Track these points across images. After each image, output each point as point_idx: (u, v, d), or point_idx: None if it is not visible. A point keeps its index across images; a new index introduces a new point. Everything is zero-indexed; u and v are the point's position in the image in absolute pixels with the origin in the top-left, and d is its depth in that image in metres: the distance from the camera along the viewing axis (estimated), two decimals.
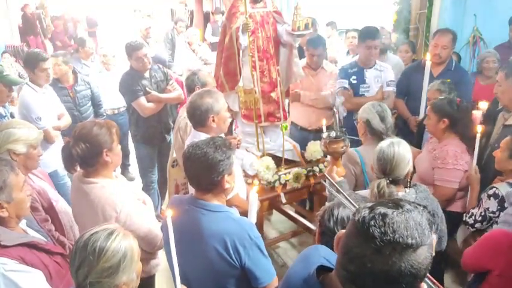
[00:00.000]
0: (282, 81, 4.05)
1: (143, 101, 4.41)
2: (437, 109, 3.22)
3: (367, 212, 1.13)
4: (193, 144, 2.15)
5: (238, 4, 3.81)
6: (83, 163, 2.40)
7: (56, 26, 13.52)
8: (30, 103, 3.96)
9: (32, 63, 4.02)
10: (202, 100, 2.83)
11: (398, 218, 1.09)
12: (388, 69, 4.28)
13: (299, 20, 3.63)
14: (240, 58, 3.81)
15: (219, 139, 2.18)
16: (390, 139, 2.48)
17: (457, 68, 4.27)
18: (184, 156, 2.16)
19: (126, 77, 4.47)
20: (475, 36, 5.43)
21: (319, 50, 4.42)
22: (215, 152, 2.08)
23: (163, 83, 4.60)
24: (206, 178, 2.09)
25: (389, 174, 2.37)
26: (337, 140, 2.94)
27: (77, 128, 2.42)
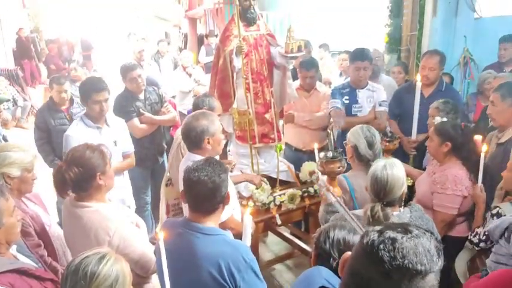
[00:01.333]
0: (276, 103, 4.07)
1: (136, 122, 4.41)
2: (440, 132, 3.14)
3: (376, 235, 1.13)
4: (193, 168, 2.12)
5: (232, 27, 3.86)
6: (76, 187, 2.37)
7: (50, 49, 13.61)
8: (71, 139, 3.42)
9: (85, 94, 3.58)
10: (197, 122, 2.83)
11: (407, 244, 1.09)
12: (380, 90, 4.32)
13: (292, 42, 3.67)
14: (234, 80, 3.84)
15: (213, 159, 2.19)
16: (383, 161, 2.45)
17: (447, 89, 4.31)
18: (187, 181, 2.12)
19: (120, 98, 4.49)
20: (465, 57, 5.52)
21: (311, 72, 4.46)
22: (220, 173, 2.10)
23: (157, 105, 4.61)
24: (211, 201, 2.09)
25: (383, 198, 2.35)
26: (334, 160, 2.93)
27: (69, 152, 2.41)
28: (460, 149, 3.10)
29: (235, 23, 3.72)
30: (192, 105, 3.67)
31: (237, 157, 4.11)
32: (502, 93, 3.21)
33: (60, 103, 4.69)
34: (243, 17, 3.79)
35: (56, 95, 4.66)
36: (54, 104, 4.67)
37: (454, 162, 3.11)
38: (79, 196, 2.40)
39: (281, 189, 3.90)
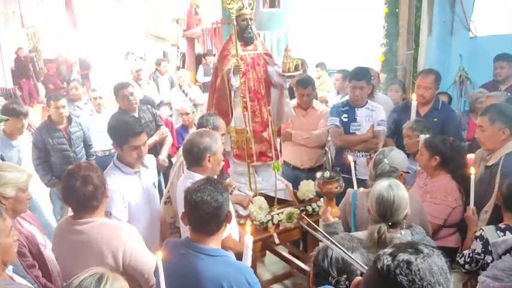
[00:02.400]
0: (274, 121, 4.08)
1: None
2: (429, 146, 3.25)
3: (390, 259, 1.13)
4: (195, 189, 2.10)
5: (229, 47, 3.89)
6: (87, 203, 2.39)
7: (48, 68, 13.65)
8: (114, 194, 2.84)
9: (121, 139, 3.01)
10: (201, 139, 2.83)
11: (422, 265, 1.09)
12: (380, 109, 4.34)
13: (289, 61, 3.70)
14: (231, 99, 3.85)
15: (214, 179, 2.19)
16: (387, 181, 2.43)
17: (443, 107, 4.34)
18: (190, 202, 2.09)
19: (115, 116, 4.47)
20: (461, 75, 5.57)
21: (308, 90, 4.49)
22: (222, 192, 2.10)
23: (152, 123, 4.67)
24: (216, 220, 2.09)
25: (389, 219, 2.32)
26: (331, 180, 2.92)
27: (76, 169, 2.41)
28: (449, 162, 3.19)
29: (233, 42, 3.75)
30: (197, 124, 3.68)
31: (234, 176, 4.10)
32: (491, 116, 3.13)
33: (58, 121, 4.69)
34: (240, 37, 3.83)
35: (53, 112, 4.67)
36: (52, 122, 4.68)
37: (444, 175, 3.22)
38: (79, 214, 2.40)
39: (279, 208, 3.88)
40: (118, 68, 11.47)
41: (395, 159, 2.85)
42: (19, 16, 14.07)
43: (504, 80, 4.91)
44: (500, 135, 3.08)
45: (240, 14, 3.76)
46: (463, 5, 5.34)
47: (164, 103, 7.53)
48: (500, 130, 3.07)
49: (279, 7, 12.44)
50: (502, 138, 3.09)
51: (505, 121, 3.06)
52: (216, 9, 12.28)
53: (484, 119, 3.17)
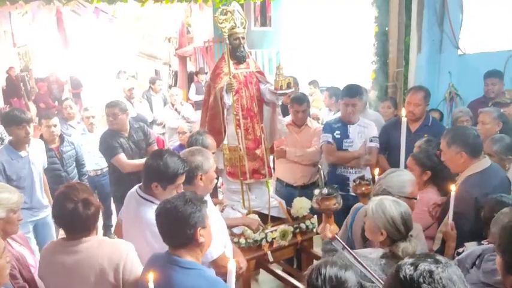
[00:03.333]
0: (266, 138, 4.09)
1: (123, 157, 4.43)
2: (420, 162, 3.31)
3: (412, 269, 1.18)
4: (164, 200, 2.18)
5: (222, 65, 3.92)
6: (84, 226, 2.36)
7: (40, 87, 13.62)
8: None
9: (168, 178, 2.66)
10: (193, 157, 2.83)
11: (443, 274, 1.15)
12: (372, 126, 4.37)
13: (281, 79, 3.73)
14: (224, 116, 3.86)
15: (190, 193, 2.20)
16: (390, 198, 2.44)
17: (434, 124, 4.39)
18: (155, 213, 2.16)
19: (105, 135, 4.57)
20: (451, 92, 5.64)
21: (303, 106, 4.52)
22: (185, 204, 2.08)
23: (143, 143, 4.64)
24: (179, 233, 2.09)
25: (407, 233, 2.34)
26: (330, 196, 2.91)
27: (73, 190, 2.36)
28: (438, 176, 3.25)
29: (225, 61, 3.78)
30: (187, 144, 3.68)
31: (228, 193, 4.09)
32: (447, 140, 3.15)
33: (50, 140, 4.65)
34: (233, 55, 3.86)
35: (45, 131, 4.63)
36: (44, 142, 4.63)
37: (431, 188, 3.29)
38: (72, 236, 2.36)
39: (272, 226, 3.86)
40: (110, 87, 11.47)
41: (391, 182, 2.78)
42: (10, 35, 14.07)
43: (496, 97, 4.99)
44: (459, 158, 3.07)
45: (233, 33, 3.80)
46: (451, 23, 5.44)
47: (157, 122, 7.53)
48: (457, 154, 3.07)
49: (270, 26, 12.56)
50: (461, 161, 3.07)
51: (460, 144, 3.06)
52: (207, 28, 12.39)
53: (443, 143, 3.19)
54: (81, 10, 8.25)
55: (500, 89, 5.03)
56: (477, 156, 3.08)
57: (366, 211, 2.67)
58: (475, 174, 3.02)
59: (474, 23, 5.67)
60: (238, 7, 3.87)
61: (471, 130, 3.18)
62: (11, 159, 4.08)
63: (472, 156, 3.06)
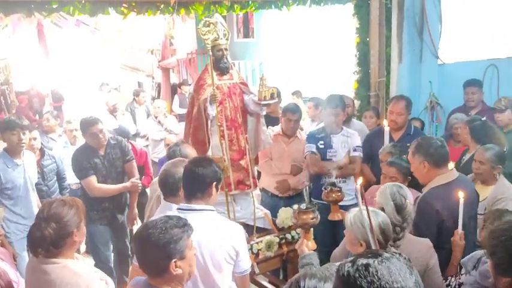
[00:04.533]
0: (251, 149, 4.09)
1: (93, 180, 4.23)
2: (404, 170, 3.37)
3: (350, 265, 1.21)
4: (144, 224, 2.07)
5: (205, 76, 3.92)
6: (50, 244, 2.26)
7: (20, 101, 13.42)
8: None
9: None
10: (176, 169, 2.81)
11: (380, 266, 1.17)
12: (355, 135, 4.41)
13: (265, 90, 3.75)
14: (208, 128, 3.85)
15: (173, 219, 2.04)
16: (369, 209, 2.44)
17: (416, 133, 4.44)
18: (134, 237, 2.09)
19: (78, 153, 4.32)
20: (432, 101, 5.72)
21: (296, 116, 4.53)
22: (160, 233, 1.92)
23: (119, 161, 4.42)
24: (153, 262, 1.96)
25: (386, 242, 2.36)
26: (307, 210, 2.92)
27: (44, 208, 2.32)
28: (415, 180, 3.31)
29: (208, 72, 3.78)
30: (167, 157, 3.66)
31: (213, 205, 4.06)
32: (412, 150, 3.19)
33: None
34: (216, 67, 3.86)
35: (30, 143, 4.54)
36: None
37: (415, 192, 3.26)
38: (48, 253, 2.29)
39: (258, 237, 3.84)
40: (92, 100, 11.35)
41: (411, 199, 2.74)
42: None
43: (476, 105, 5.08)
44: (422, 167, 3.08)
45: (216, 44, 3.81)
46: (430, 34, 5.54)
47: (140, 135, 7.49)
48: (420, 163, 3.08)
49: (253, 37, 12.65)
50: (425, 171, 3.08)
51: (423, 154, 3.07)
52: (190, 39, 12.41)
53: (410, 153, 3.22)
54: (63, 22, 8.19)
55: (480, 97, 5.13)
56: (441, 167, 3.07)
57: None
58: (439, 186, 3.01)
59: (453, 33, 5.79)
60: (221, 19, 3.89)
61: (435, 140, 3.18)
62: (6, 167, 4.00)
63: (435, 166, 3.05)
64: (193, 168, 2.59)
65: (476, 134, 4.03)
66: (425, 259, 2.56)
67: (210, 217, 2.57)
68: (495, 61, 5.89)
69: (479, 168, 3.61)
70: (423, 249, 2.60)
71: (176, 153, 3.57)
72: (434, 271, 2.59)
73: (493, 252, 2.02)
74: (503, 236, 1.98)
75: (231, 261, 2.56)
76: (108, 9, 4.72)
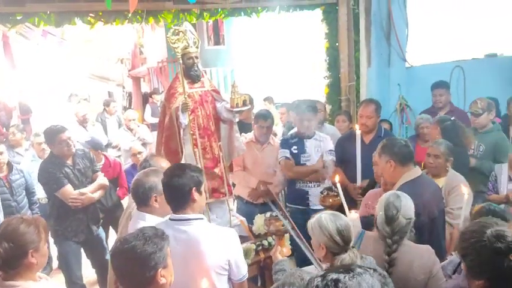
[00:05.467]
0: (225, 157, 4.07)
1: (70, 189, 4.08)
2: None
3: (320, 279, 1.19)
4: (121, 239, 2.00)
5: (176, 85, 3.89)
6: (5, 264, 2.16)
7: None
8: None
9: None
10: (147, 178, 2.77)
11: (350, 282, 1.16)
12: (327, 139, 4.45)
13: (237, 97, 3.75)
14: (181, 137, 3.82)
15: (150, 229, 2.02)
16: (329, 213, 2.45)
17: (386, 135, 4.51)
18: (111, 252, 1.98)
19: (46, 164, 4.15)
20: (401, 103, 5.83)
21: (268, 122, 4.55)
22: (145, 244, 1.91)
23: (88, 170, 4.32)
24: (137, 275, 1.91)
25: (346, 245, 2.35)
26: (279, 218, 2.94)
27: (1, 225, 2.22)
28: None
29: (179, 80, 3.76)
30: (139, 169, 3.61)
31: None
32: (378, 151, 3.26)
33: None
34: (187, 75, 3.84)
35: None
36: None
37: None
38: (6, 275, 2.18)
39: None
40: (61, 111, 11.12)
41: (408, 210, 2.63)
42: None
43: (443, 106, 5.20)
44: (389, 167, 3.15)
45: (186, 52, 3.79)
46: (397, 38, 5.65)
47: (112, 145, 7.37)
48: (387, 162, 3.15)
49: (223, 44, 12.67)
50: (391, 170, 3.15)
51: (389, 153, 3.15)
52: (161, 48, 12.34)
53: (376, 155, 3.30)
54: (29, 33, 8.03)
55: (447, 99, 5.27)
56: (406, 165, 3.15)
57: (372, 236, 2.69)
58: (407, 183, 3.09)
59: (419, 36, 5.93)
60: (190, 27, 3.87)
61: (399, 140, 3.30)
62: None
63: (401, 164, 3.13)
64: (168, 181, 2.54)
65: (447, 134, 4.15)
66: (428, 266, 2.53)
67: (199, 227, 2.51)
68: (461, 63, 6.07)
69: (435, 161, 3.78)
70: (425, 256, 2.57)
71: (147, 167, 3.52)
72: (438, 278, 2.54)
73: (464, 254, 2.01)
74: (472, 238, 1.96)
75: (224, 272, 2.50)
76: (75, 19, 4.64)
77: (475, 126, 4.61)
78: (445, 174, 3.76)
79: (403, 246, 2.59)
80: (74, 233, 4.22)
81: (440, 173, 3.77)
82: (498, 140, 4.46)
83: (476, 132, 4.59)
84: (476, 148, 4.48)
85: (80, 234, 4.25)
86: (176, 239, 2.45)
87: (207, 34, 13.19)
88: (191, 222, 2.50)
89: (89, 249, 4.43)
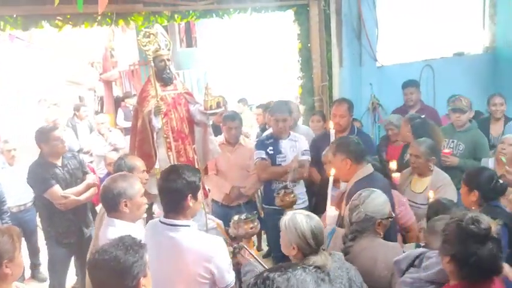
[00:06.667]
0: (199, 159, 4.05)
1: (58, 189, 3.99)
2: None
3: (253, 279, 1.40)
4: (99, 249, 1.93)
5: (148, 88, 3.85)
6: None
7: None
8: None
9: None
10: (115, 184, 2.70)
11: (279, 278, 1.33)
12: (302, 139, 4.45)
13: (210, 99, 3.73)
14: (154, 140, 3.78)
15: (128, 238, 1.97)
16: (304, 213, 2.45)
17: (359, 133, 4.56)
18: (89, 264, 1.92)
19: (35, 166, 4.07)
20: (373, 103, 5.91)
21: (236, 123, 4.52)
22: (126, 253, 1.86)
23: (78, 171, 4.24)
24: (119, 286, 1.86)
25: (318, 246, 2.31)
26: (246, 220, 2.96)
27: None
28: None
29: (151, 83, 3.72)
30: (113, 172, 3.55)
31: None
32: (333, 150, 3.32)
33: None
34: (159, 78, 3.80)
35: None
36: None
37: None
38: None
39: None
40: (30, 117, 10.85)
41: (372, 207, 2.70)
42: None
43: (414, 105, 5.30)
44: (344, 165, 3.21)
45: (157, 55, 3.76)
46: (368, 38, 5.73)
47: (84, 151, 7.22)
48: (342, 161, 3.22)
49: (196, 46, 12.60)
50: (347, 168, 3.22)
51: (344, 152, 3.22)
52: (132, 51, 12.18)
53: (329, 153, 3.37)
54: None
55: (418, 97, 5.37)
56: (361, 162, 3.23)
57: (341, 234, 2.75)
58: (362, 179, 3.16)
59: (389, 36, 6.02)
60: (161, 29, 3.84)
61: (352, 139, 3.39)
62: None
63: (356, 162, 3.21)
64: (163, 183, 2.49)
65: (417, 131, 4.23)
66: (392, 263, 2.54)
67: (186, 234, 2.46)
68: (430, 61, 6.20)
69: (416, 162, 3.83)
70: (389, 253, 2.60)
71: (122, 167, 3.47)
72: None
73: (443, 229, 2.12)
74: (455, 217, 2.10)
75: (205, 280, 2.43)
76: (42, 23, 4.53)
77: (455, 124, 4.64)
78: (430, 174, 3.80)
79: (366, 240, 2.66)
80: (65, 235, 4.13)
81: (424, 173, 3.82)
82: (477, 139, 4.53)
83: (454, 130, 4.64)
84: (455, 147, 4.55)
85: (72, 236, 4.16)
86: (161, 244, 2.43)
87: (179, 36, 13.09)
88: (179, 229, 2.46)
89: (80, 252, 4.28)
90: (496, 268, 2.03)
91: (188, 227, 2.49)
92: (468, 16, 6.76)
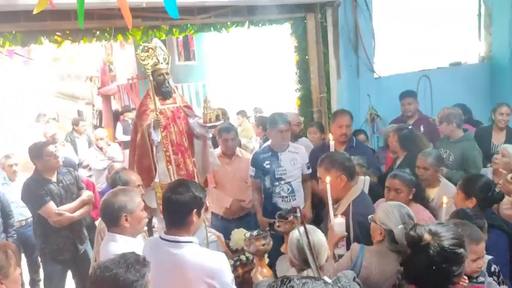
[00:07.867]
0: (199, 172, 4.05)
1: (53, 206, 3.97)
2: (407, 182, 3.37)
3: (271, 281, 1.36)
4: (101, 265, 1.91)
5: (147, 102, 3.86)
6: None
7: None
8: None
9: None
10: (115, 198, 2.69)
11: (297, 281, 1.28)
12: (303, 150, 4.34)
13: (209, 112, 3.74)
14: (154, 154, 3.78)
15: (131, 255, 1.95)
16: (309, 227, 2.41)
17: (358, 144, 4.55)
18: (90, 280, 1.91)
19: (30, 182, 4.06)
20: (371, 114, 5.94)
21: (231, 134, 4.47)
22: (127, 272, 1.85)
23: (73, 187, 4.23)
24: None
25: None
26: (258, 237, 2.89)
27: None
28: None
29: (150, 97, 3.73)
30: (110, 187, 3.54)
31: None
32: (325, 166, 3.16)
33: None
34: (158, 91, 3.82)
35: None
36: None
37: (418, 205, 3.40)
38: None
39: None
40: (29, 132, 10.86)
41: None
42: None
43: (412, 115, 5.32)
44: (339, 182, 3.09)
45: (156, 69, 3.77)
46: (365, 49, 5.77)
47: (83, 165, 7.23)
48: (337, 178, 3.08)
49: (194, 60, 12.67)
50: (341, 185, 3.10)
51: (340, 168, 3.11)
52: (130, 64, 12.24)
53: (320, 170, 3.19)
54: None
55: (415, 107, 5.39)
56: (354, 179, 3.18)
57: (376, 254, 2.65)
58: (358, 196, 3.12)
59: (386, 47, 6.07)
60: (160, 43, 3.86)
61: (343, 154, 3.31)
62: None
63: (350, 178, 3.14)
64: (170, 196, 2.44)
65: (404, 142, 4.27)
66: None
67: (189, 251, 2.42)
68: (427, 72, 6.25)
69: (424, 174, 3.81)
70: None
71: (117, 181, 3.46)
72: None
73: None
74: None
75: None
76: (41, 39, 4.55)
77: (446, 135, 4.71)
78: (438, 185, 3.80)
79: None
80: (60, 251, 4.10)
81: (433, 183, 3.82)
82: (468, 151, 4.52)
83: (449, 141, 4.69)
84: (446, 158, 4.57)
85: (66, 253, 4.14)
86: (162, 261, 2.40)
87: (177, 50, 13.17)
88: (181, 246, 2.42)
89: (76, 268, 4.30)
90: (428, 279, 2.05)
91: (191, 243, 2.45)
92: (464, 26, 6.83)
